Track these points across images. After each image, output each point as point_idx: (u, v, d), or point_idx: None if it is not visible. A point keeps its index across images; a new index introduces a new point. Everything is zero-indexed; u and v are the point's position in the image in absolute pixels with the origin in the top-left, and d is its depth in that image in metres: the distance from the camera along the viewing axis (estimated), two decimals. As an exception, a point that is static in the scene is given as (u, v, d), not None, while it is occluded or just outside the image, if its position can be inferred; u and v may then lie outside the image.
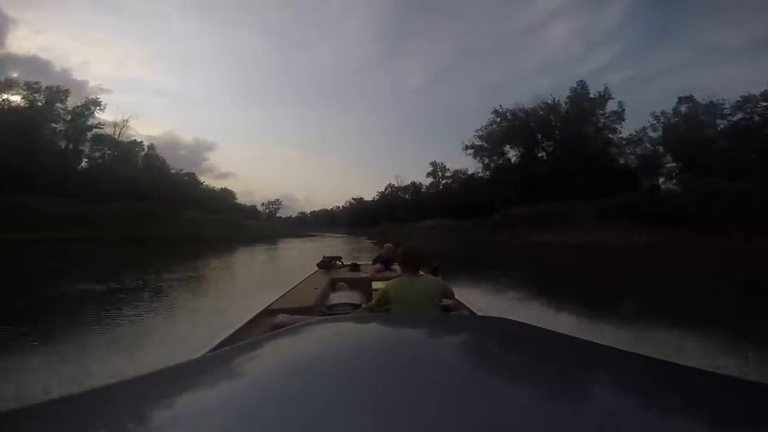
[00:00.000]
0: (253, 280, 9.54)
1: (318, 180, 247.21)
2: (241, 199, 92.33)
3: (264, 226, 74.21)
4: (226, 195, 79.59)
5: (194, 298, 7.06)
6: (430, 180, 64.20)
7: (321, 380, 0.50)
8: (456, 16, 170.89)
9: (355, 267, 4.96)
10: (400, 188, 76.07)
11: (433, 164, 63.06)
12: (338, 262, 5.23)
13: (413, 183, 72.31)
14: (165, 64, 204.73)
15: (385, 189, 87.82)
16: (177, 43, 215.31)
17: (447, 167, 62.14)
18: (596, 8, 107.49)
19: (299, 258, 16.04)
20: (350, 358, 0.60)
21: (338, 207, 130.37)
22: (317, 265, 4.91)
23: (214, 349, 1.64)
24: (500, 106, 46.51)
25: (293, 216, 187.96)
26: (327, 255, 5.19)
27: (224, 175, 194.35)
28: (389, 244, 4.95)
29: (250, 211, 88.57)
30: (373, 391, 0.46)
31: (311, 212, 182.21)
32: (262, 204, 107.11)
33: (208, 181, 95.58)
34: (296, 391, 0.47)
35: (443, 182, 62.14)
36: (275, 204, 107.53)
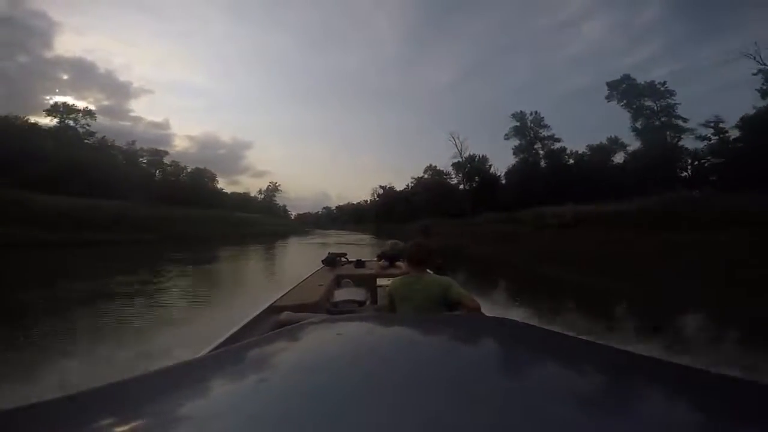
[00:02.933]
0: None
1: (350, 178, 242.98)
2: (278, 196, 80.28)
3: (251, 220, 53.38)
4: (201, 178, 59.57)
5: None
6: (515, 143, 38.11)
7: (328, 380, 0.49)
8: (486, 13, 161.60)
9: (360, 264, 4.75)
10: (457, 165, 48.45)
11: (520, 116, 37.48)
12: (343, 259, 5.01)
13: (473, 156, 47.11)
14: (203, 65, 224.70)
15: (425, 171, 63.78)
16: (214, 45, 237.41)
17: (543, 119, 36.51)
18: (635, 1, 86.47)
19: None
20: (356, 358, 0.61)
21: (366, 201, 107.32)
22: (322, 261, 4.75)
23: (219, 346, 1.63)
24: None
25: (319, 212, 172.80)
26: (332, 251, 5.04)
27: (260, 174, 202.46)
28: (394, 240, 4.77)
29: (238, 201, 68.26)
30: (380, 391, 0.45)
31: (336, 207, 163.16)
32: (259, 191, 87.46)
33: (244, 180, 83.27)
34: (303, 391, 0.47)
35: (538, 145, 36.57)
36: (272, 191, 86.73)
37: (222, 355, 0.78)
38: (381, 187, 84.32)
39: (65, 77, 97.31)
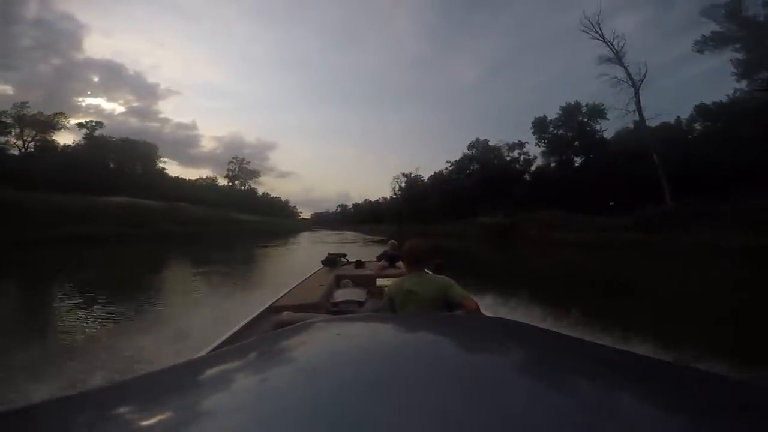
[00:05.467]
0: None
1: (372, 177, 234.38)
2: (301, 196, 65.21)
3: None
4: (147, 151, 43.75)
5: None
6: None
7: (328, 380, 0.50)
8: (509, 10, 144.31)
9: (360, 264, 4.86)
10: (539, 125, 29.12)
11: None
12: (343, 259, 5.11)
13: (577, 104, 27.67)
14: (228, 67, 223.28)
15: (470, 147, 44.14)
16: (238, 47, 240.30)
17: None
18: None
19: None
20: (356, 358, 0.61)
21: (385, 198, 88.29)
22: (322, 262, 4.85)
23: (219, 346, 1.66)
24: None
25: (336, 210, 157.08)
26: (332, 252, 5.10)
27: (284, 174, 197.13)
28: (393, 241, 4.99)
29: (201, 189, 52.66)
30: (380, 391, 0.45)
31: (353, 204, 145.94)
32: (226, 173, 69.55)
33: (269, 181, 68.13)
34: (303, 391, 0.47)
35: None
36: (238, 169, 68.38)
37: (222, 355, 0.78)
38: (404, 175, 64.13)
39: (96, 79, 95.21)
